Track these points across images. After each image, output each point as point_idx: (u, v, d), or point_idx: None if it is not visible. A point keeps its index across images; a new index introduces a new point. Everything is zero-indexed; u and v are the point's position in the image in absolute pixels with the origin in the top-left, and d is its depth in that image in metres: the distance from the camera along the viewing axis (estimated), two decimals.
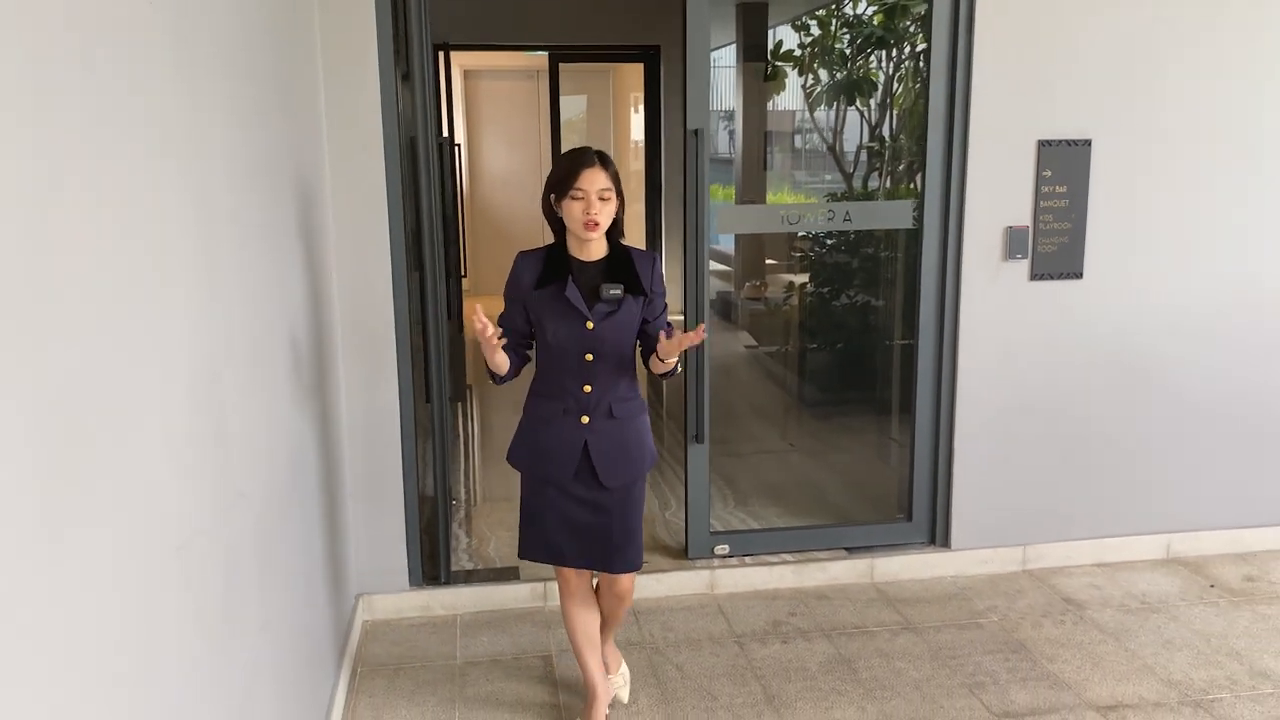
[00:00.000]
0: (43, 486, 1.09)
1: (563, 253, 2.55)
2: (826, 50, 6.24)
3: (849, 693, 3.04)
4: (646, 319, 2.59)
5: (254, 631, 2.02)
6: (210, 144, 1.84)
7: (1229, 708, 2.95)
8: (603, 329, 2.50)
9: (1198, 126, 3.69)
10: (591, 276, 2.53)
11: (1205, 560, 3.96)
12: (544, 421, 2.60)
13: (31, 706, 1.04)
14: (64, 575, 1.14)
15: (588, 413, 2.57)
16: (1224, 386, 3.89)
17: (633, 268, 2.54)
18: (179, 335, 1.61)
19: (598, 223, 2.45)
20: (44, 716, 1.07)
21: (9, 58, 1.00)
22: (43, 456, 1.09)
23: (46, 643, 1.09)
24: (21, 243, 1.05)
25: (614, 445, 2.59)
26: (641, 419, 2.66)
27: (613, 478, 2.59)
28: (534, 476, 2.64)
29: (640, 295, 2.55)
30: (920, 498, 3.85)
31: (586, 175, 2.43)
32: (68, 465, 1.15)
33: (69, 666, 1.14)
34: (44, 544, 1.09)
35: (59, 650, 1.12)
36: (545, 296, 2.51)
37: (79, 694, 1.16)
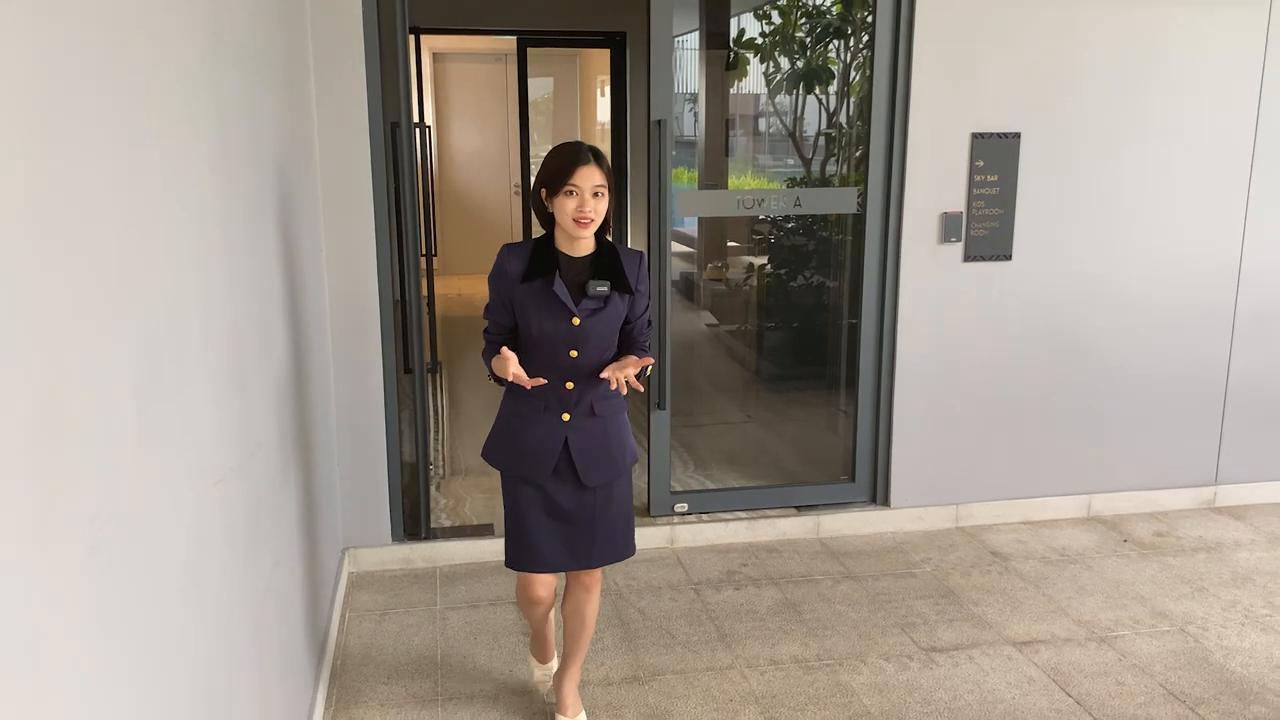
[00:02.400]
0: (140, 413, 1.37)
1: (550, 247, 2.50)
2: (787, 39, 6.50)
3: (794, 631, 3.38)
4: (629, 318, 2.57)
5: (269, 566, 2.30)
6: (235, 140, 2.11)
7: (1129, 642, 3.32)
8: (588, 325, 2.47)
9: (1118, 122, 4.03)
10: (579, 272, 2.49)
11: (1122, 518, 4.34)
12: (523, 419, 2.57)
13: (126, 586, 1.32)
14: (153, 482, 1.42)
15: (569, 410, 2.54)
16: (1141, 360, 4.26)
17: (619, 265, 2.51)
18: (218, 301, 1.88)
19: (590, 219, 2.40)
20: (135, 595, 1.35)
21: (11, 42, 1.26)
22: (138, 391, 1.37)
23: (145, 535, 1.37)
24: (102, 225, 1.32)
25: (595, 443, 2.57)
26: (623, 418, 2.63)
27: (592, 476, 2.57)
28: (512, 475, 2.60)
29: (626, 293, 2.52)
30: (862, 460, 4.19)
31: (582, 172, 2.39)
32: (150, 399, 1.43)
33: (161, 554, 1.43)
34: (137, 457, 1.37)
35: (154, 542, 1.40)
36: (531, 290, 2.46)
37: (162, 580, 1.45)
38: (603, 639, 3.30)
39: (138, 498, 1.37)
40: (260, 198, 2.40)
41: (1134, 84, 4.02)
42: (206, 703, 1.68)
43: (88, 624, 1.17)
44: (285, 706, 2.40)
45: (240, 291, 2.10)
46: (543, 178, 2.46)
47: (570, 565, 2.63)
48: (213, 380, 1.82)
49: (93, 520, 1.19)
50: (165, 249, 1.56)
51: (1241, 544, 4.09)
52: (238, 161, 2.15)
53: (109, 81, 1.33)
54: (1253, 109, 4.12)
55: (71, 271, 1.16)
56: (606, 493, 2.62)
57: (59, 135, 1.14)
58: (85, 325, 1.20)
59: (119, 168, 1.35)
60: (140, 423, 1.38)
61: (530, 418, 2.56)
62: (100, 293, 1.26)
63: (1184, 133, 4.10)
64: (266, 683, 2.20)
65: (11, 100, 1.01)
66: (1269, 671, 3.15)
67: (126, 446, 1.33)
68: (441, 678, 3.10)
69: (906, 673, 3.14)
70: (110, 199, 1.31)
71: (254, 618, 2.11)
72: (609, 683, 3.07)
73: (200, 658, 1.66)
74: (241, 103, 2.21)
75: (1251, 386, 4.36)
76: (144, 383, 1.41)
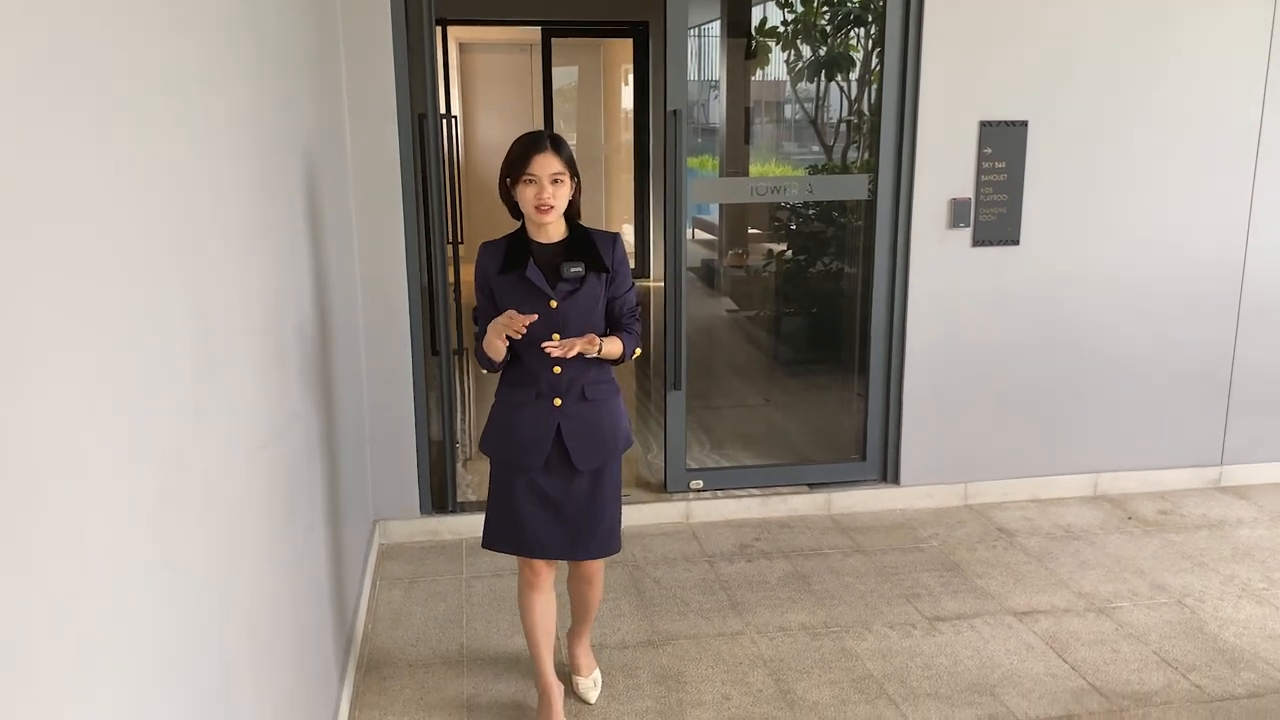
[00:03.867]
0: (195, 378, 1.54)
1: (524, 237, 2.56)
2: (809, 27, 6.59)
3: (802, 600, 3.53)
4: (611, 297, 2.60)
5: (304, 529, 2.47)
6: (274, 131, 2.28)
7: (1127, 614, 3.45)
8: (566, 307, 2.52)
9: (1124, 110, 4.13)
10: (552, 257, 2.54)
11: (1127, 497, 4.45)
12: (516, 407, 2.61)
13: (189, 531, 1.49)
14: (211, 441, 1.59)
15: (560, 395, 2.58)
16: (1146, 342, 4.36)
17: (594, 247, 2.56)
18: (259, 282, 2.05)
19: (551, 206, 2.46)
20: (196, 541, 1.52)
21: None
22: (196, 361, 1.54)
23: (200, 488, 1.54)
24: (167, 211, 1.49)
25: (587, 428, 2.60)
26: (615, 401, 2.67)
27: (585, 460, 2.60)
28: (505, 464, 2.64)
29: (603, 273, 2.56)
30: (873, 439, 4.32)
31: (538, 160, 2.44)
32: (205, 368, 1.60)
33: (216, 506, 1.60)
34: (193, 422, 1.54)
35: (210, 493, 1.57)
36: (509, 281, 2.53)
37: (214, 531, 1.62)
38: (619, 605, 3.47)
39: (197, 452, 1.53)
40: (296, 187, 2.56)
41: (1140, 72, 4.11)
42: (249, 646, 1.85)
43: (155, 562, 1.34)
44: (320, 660, 2.58)
45: (279, 274, 2.27)
46: (505, 168, 2.51)
47: (555, 553, 2.66)
48: (255, 352, 1.99)
49: (160, 466, 1.36)
50: (215, 233, 1.72)
51: (1244, 522, 4.19)
52: (276, 152, 2.31)
53: (172, 82, 1.49)
54: (1258, 97, 4.20)
55: (149, 254, 1.33)
56: (596, 482, 2.64)
57: (124, 136, 1.31)
58: (155, 295, 1.37)
59: (180, 167, 1.51)
60: (195, 384, 1.55)
61: (523, 405, 2.60)
62: (168, 268, 1.42)
63: (1190, 120, 4.19)
64: (303, 637, 2.38)
65: (92, 103, 1.18)
66: (1261, 641, 3.27)
67: (187, 403, 1.49)
68: (467, 640, 3.27)
69: (909, 639, 3.28)
70: (173, 190, 1.47)
71: (292, 577, 2.28)
72: (625, 646, 3.23)
73: (246, 607, 1.83)
74: (279, 96, 2.37)
75: (1257, 369, 4.45)
76: (200, 349, 1.57)
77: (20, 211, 0.97)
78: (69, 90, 1.10)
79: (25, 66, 0.99)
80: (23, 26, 0.99)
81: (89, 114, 1.16)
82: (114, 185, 1.24)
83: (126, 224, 1.28)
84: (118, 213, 1.24)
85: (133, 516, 1.26)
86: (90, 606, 1.11)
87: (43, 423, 1.00)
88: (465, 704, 2.95)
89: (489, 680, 3.05)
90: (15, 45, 0.97)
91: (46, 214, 1.03)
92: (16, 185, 0.96)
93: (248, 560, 1.86)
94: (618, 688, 3.01)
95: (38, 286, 1.00)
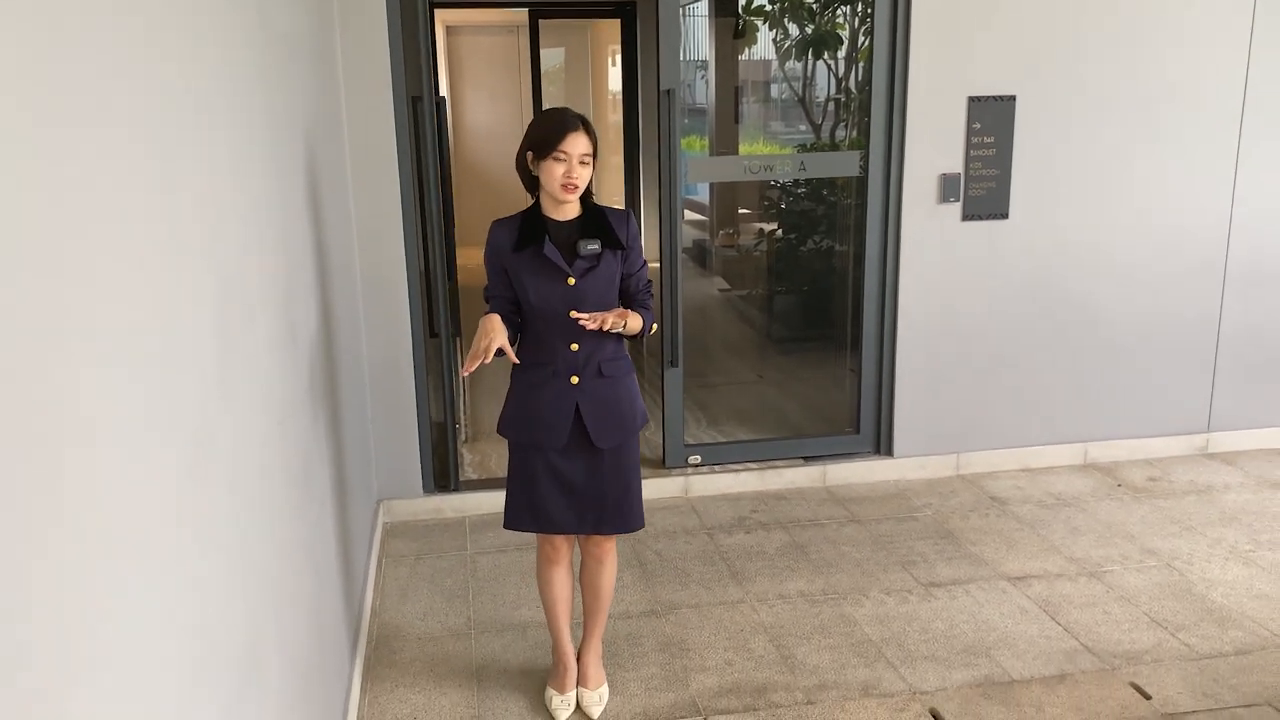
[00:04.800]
0: (220, 354, 1.59)
1: (538, 214, 2.57)
2: (796, 5, 6.62)
3: (800, 569, 3.60)
4: (626, 274, 2.61)
5: (317, 503, 2.53)
6: (278, 117, 2.32)
7: (1118, 577, 3.54)
8: (584, 285, 2.52)
9: (1110, 86, 4.19)
10: (568, 235, 2.55)
11: (1117, 465, 4.54)
12: (534, 387, 2.61)
13: (215, 499, 1.55)
14: (236, 417, 1.64)
15: (577, 372, 2.58)
16: (1135, 313, 4.44)
17: (608, 224, 2.57)
18: (272, 261, 2.10)
19: (576, 185, 2.47)
20: (222, 508, 1.58)
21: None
22: (219, 334, 1.59)
23: (227, 463, 1.59)
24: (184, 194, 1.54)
25: (605, 405, 2.61)
26: (631, 379, 2.67)
27: (605, 438, 2.61)
28: (525, 444, 2.66)
29: (618, 249, 2.57)
30: (866, 412, 4.40)
31: (571, 138, 2.45)
32: (228, 345, 1.65)
33: (236, 478, 1.65)
34: (219, 394, 1.59)
35: (235, 466, 1.62)
36: (525, 258, 2.53)
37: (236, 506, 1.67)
38: (622, 577, 3.54)
39: (223, 425, 1.59)
40: (299, 171, 2.61)
41: (1125, 47, 4.17)
42: (274, 614, 1.91)
43: (185, 529, 1.40)
44: (334, 632, 2.64)
45: (288, 255, 2.31)
46: (530, 142, 2.50)
47: (577, 529, 2.68)
48: (271, 331, 2.05)
49: (191, 440, 1.41)
50: (235, 216, 1.77)
51: (1231, 486, 4.29)
52: (285, 139, 2.35)
53: (196, 79, 1.53)
54: (1242, 69, 4.26)
55: (179, 238, 1.38)
56: (615, 460, 2.65)
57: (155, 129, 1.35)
58: (184, 275, 1.42)
59: (206, 154, 1.56)
60: (220, 360, 1.60)
61: (541, 385, 2.60)
62: (197, 252, 1.47)
63: (1174, 95, 4.25)
64: (320, 608, 2.44)
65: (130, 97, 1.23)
66: (1248, 600, 3.36)
67: (212, 376, 1.55)
68: (474, 613, 3.34)
69: (906, 605, 3.36)
70: (200, 177, 1.52)
71: (308, 550, 2.34)
72: (628, 615, 3.30)
73: (271, 576, 1.89)
74: (286, 83, 2.42)
75: (1242, 338, 4.54)
76: (222, 327, 1.63)
77: (70, 209, 1.02)
78: (108, 91, 1.15)
79: (68, 76, 1.04)
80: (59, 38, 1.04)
81: (121, 105, 1.21)
82: (144, 170, 1.28)
83: (158, 207, 1.33)
84: (149, 197, 1.29)
85: (163, 494, 1.31)
86: (129, 577, 1.17)
87: (81, 401, 1.06)
88: (475, 672, 3.01)
89: (497, 650, 3.12)
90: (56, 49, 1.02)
91: (94, 211, 1.09)
92: (65, 186, 1.02)
93: (272, 530, 1.92)
94: (623, 656, 3.08)
95: (78, 274, 1.06)
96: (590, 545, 2.81)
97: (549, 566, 2.81)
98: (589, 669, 2.91)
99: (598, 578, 2.84)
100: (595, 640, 2.93)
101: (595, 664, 2.92)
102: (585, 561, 2.85)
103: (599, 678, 2.91)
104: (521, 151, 2.54)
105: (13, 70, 0.90)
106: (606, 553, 2.82)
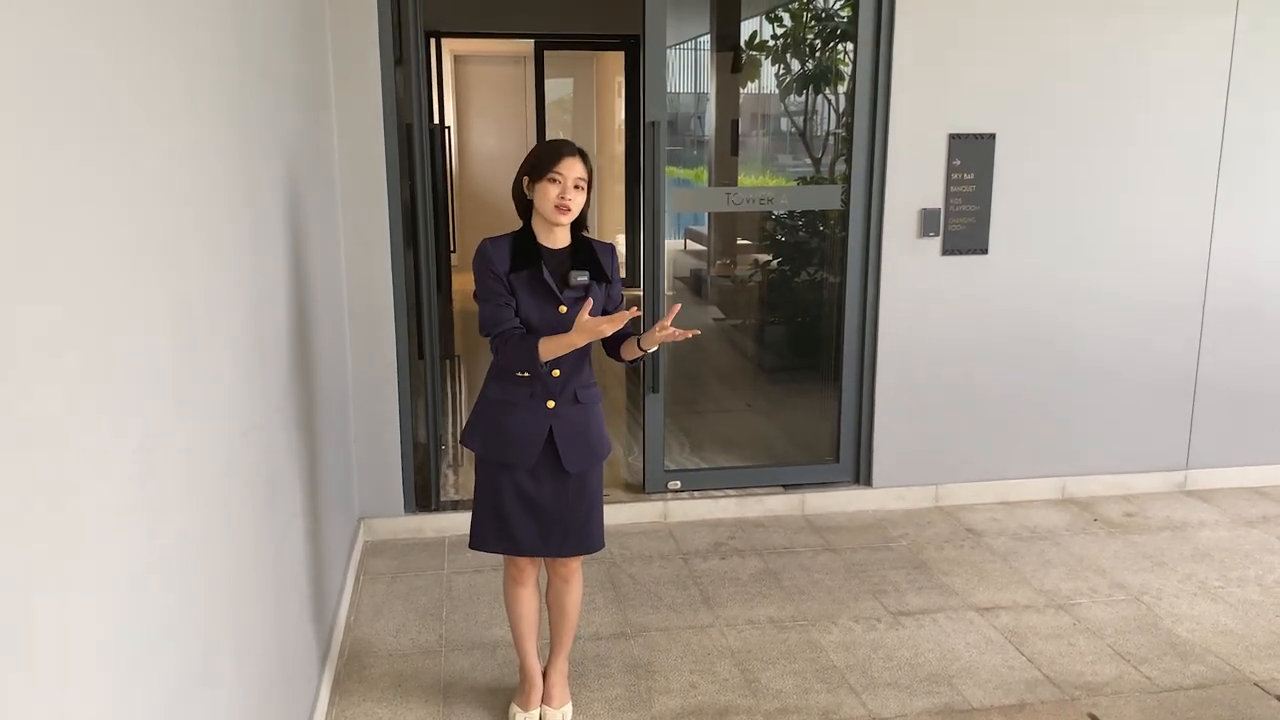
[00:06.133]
0: (175, 366, 1.67)
1: (530, 238, 2.63)
2: (798, 41, 6.73)
3: (772, 595, 3.64)
4: (606, 309, 2.68)
5: (286, 518, 2.59)
6: (257, 141, 2.41)
7: (1086, 610, 3.57)
8: (573, 313, 2.58)
9: (1089, 124, 4.27)
10: (559, 263, 2.62)
11: (1094, 500, 4.57)
12: (509, 405, 2.66)
13: (170, 510, 1.61)
14: (192, 425, 1.71)
15: (554, 397, 2.64)
16: (1113, 349, 4.49)
17: (595, 257, 2.67)
18: (241, 281, 2.18)
19: (569, 208, 2.55)
20: (178, 518, 1.64)
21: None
22: (177, 346, 1.66)
23: (182, 467, 1.66)
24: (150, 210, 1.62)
25: (577, 430, 2.68)
26: (599, 407, 2.76)
27: (575, 463, 2.68)
28: (493, 462, 2.70)
29: (604, 283, 2.66)
30: (846, 442, 4.45)
31: (567, 162, 2.54)
32: (186, 357, 1.72)
33: (191, 485, 1.72)
34: (175, 402, 1.66)
35: (191, 472, 1.69)
36: (521, 279, 2.59)
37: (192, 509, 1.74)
38: (594, 600, 3.58)
39: (178, 432, 1.66)
40: (278, 194, 2.69)
41: (1105, 88, 4.25)
42: (231, 624, 1.97)
43: (138, 528, 1.46)
44: (301, 645, 2.69)
45: (260, 275, 2.39)
46: (528, 165, 2.60)
47: (542, 551, 2.74)
48: (236, 347, 2.12)
49: (142, 445, 1.48)
50: (196, 237, 1.85)
51: (1206, 524, 4.31)
52: (260, 160, 2.44)
53: (155, 94, 1.62)
54: (1219, 113, 4.34)
55: (132, 255, 1.45)
56: (580, 484, 2.71)
57: (110, 145, 1.43)
58: (138, 291, 1.49)
59: (163, 173, 1.64)
60: (176, 372, 1.67)
61: (517, 404, 2.65)
62: (150, 268, 1.55)
63: (1153, 135, 4.33)
64: (283, 621, 2.50)
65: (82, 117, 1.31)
66: (1213, 636, 3.38)
67: (166, 387, 1.62)
68: (446, 631, 3.39)
69: (873, 633, 3.39)
70: (156, 196, 1.60)
71: (273, 562, 2.40)
72: (598, 637, 3.35)
73: (228, 585, 1.95)
74: (262, 107, 2.51)
75: (1220, 376, 4.58)
76: (181, 340, 1.70)
77: (15, 215, 1.10)
78: (66, 104, 1.23)
79: (29, 87, 1.12)
80: (23, 57, 1.12)
81: (80, 126, 1.29)
82: (99, 189, 1.36)
83: (113, 227, 1.40)
84: (104, 215, 1.37)
85: (115, 493, 1.37)
86: (76, 583, 1.23)
87: (33, 407, 1.13)
88: (442, 689, 3.06)
89: (466, 668, 3.17)
90: (20, 69, 1.10)
91: (39, 217, 1.16)
92: (14, 190, 1.09)
93: (230, 540, 1.98)
94: (589, 676, 3.13)
95: (29, 283, 1.13)
96: (557, 566, 2.86)
97: (514, 587, 2.87)
98: (554, 688, 2.95)
99: (564, 597, 2.89)
100: (561, 660, 2.97)
101: (560, 683, 2.96)
102: (552, 582, 2.90)
103: (564, 697, 2.95)
104: (518, 177, 2.63)
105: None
106: (572, 573, 2.87)
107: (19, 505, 1.09)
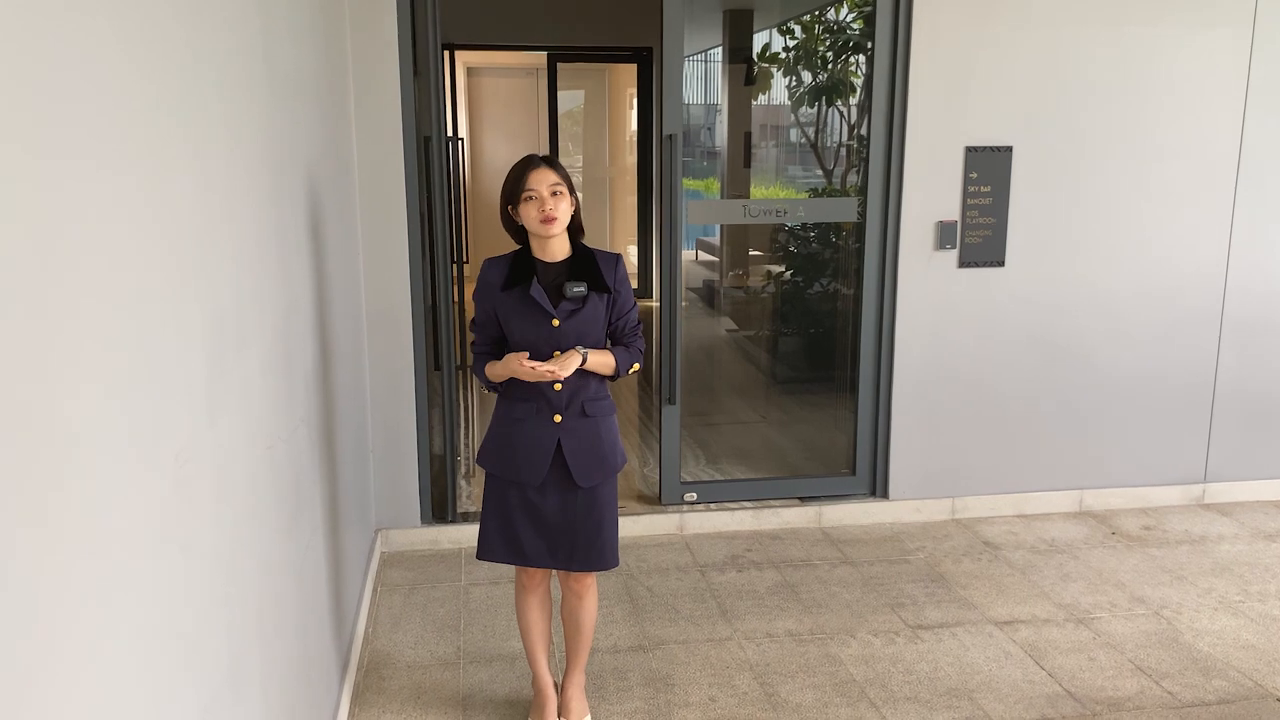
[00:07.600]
0: (207, 379, 1.68)
1: (528, 256, 2.64)
2: (810, 53, 6.75)
3: (790, 609, 3.64)
4: (613, 319, 2.67)
5: (309, 531, 2.60)
6: (283, 154, 2.42)
7: (1105, 624, 3.55)
8: (568, 326, 2.58)
9: (1106, 136, 4.27)
10: (556, 276, 2.61)
11: (1112, 513, 4.56)
12: (517, 422, 2.66)
13: (202, 520, 1.62)
14: (222, 438, 1.72)
15: (560, 412, 2.64)
16: (1131, 362, 4.48)
17: (596, 267, 2.64)
18: (270, 294, 2.19)
19: (554, 217, 2.53)
20: (208, 528, 1.65)
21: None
22: (209, 362, 1.67)
23: (214, 483, 1.67)
24: (183, 225, 1.63)
25: (587, 444, 2.66)
26: (612, 419, 2.73)
27: (586, 477, 2.66)
28: (503, 478, 2.70)
29: (605, 293, 2.63)
30: (863, 455, 4.44)
31: (534, 175, 2.54)
32: (218, 369, 1.73)
33: (222, 498, 1.73)
34: (208, 419, 1.67)
35: (221, 486, 1.70)
36: (512, 297, 2.60)
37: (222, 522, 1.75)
38: (612, 612, 3.58)
39: (209, 446, 1.67)
40: (302, 205, 2.71)
41: (1122, 100, 4.25)
42: (257, 637, 1.98)
43: (172, 550, 1.47)
44: (322, 657, 2.70)
45: (287, 286, 2.41)
46: (505, 195, 2.61)
47: (549, 563, 2.72)
48: (264, 359, 2.13)
49: (176, 458, 1.49)
50: (228, 249, 1.86)
51: (1225, 537, 4.29)
52: (286, 172, 2.46)
53: (190, 110, 1.63)
54: (1237, 124, 4.33)
55: (167, 268, 1.47)
56: (590, 498, 2.68)
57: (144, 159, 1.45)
58: (174, 303, 1.50)
59: (196, 188, 1.65)
60: (209, 385, 1.68)
61: (524, 420, 2.65)
62: (184, 280, 1.56)
63: (1170, 147, 4.33)
64: (306, 633, 2.50)
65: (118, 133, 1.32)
66: (1235, 650, 3.36)
67: (199, 399, 1.63)
68: (464, 643, 3.39)
69: (892, 646, 3.38)
70: (191, 210, 1.61)
71: (297, 575, 2.41)
72: (616, 650, 3.34)
73: (255, 599, 1.96)
74: (288, 119, 2.52)
75: (1238, 389, 4.56)
76: (213, 351, 1.71)
77: (54, 229, 1.11)
78: (103, 120, 1.25)
79: (67, 105, 1.14)
80: (60, 67, 1.13)
81: (115, 143, 1.30)
82: (132, 203, 1.37)
83: (146, 241, 1.41)
84: (139, 230, 1.38)
85: (148, 507, 1.38)
86: (108, 596, 1.24)
87: (68, 416, 1.14)
88: (461, 702, 3.06)
89: (484, 681, 3.17)
90: (57, 86, 1.11)
91: (77, 231, 1.17)
92: (54, 209, 1.10)
93: (257, 552, 1.99)
94: (608, 690, 3.12)
95: (65, 295, 1.14)
96: (569, 580, 2.84)
97: (524, 594, 2.88)
98: (571, 701, 2.94)
99: (578, 612, 2.88)
100: (578, 673, 2.96)
101: (578, 696, 2.95)
102: (565, 596, 2.89)
103: (581, 710, 2.95)
104: (502, 207, 2.65)
105: (5, 100, 0.99)
106: (586, 588, 2.85)
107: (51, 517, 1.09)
